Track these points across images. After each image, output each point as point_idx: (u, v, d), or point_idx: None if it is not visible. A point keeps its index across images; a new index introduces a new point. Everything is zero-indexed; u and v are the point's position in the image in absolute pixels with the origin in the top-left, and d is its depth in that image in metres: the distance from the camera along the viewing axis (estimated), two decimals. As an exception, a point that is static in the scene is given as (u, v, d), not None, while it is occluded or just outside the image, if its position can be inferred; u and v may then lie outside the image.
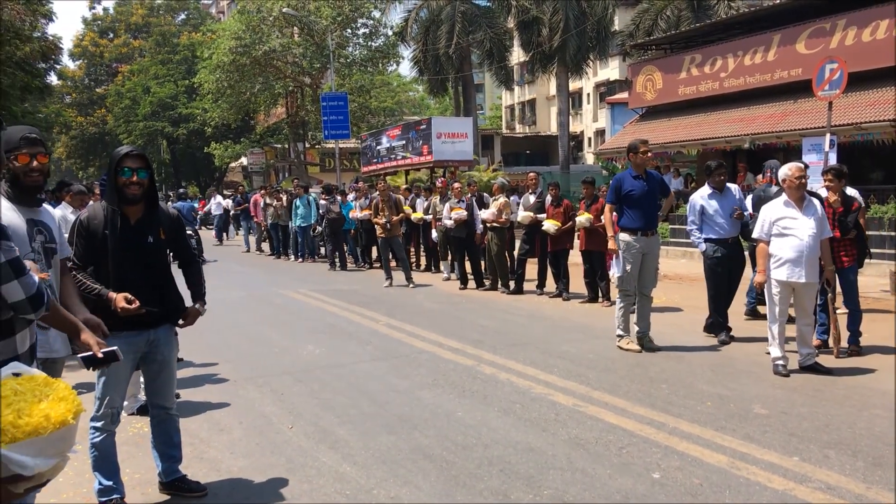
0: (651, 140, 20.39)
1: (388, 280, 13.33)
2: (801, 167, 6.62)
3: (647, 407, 5.71)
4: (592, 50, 31.51)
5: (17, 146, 3.36)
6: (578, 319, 9.74)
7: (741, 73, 18.52)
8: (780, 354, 6.60)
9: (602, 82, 44.47)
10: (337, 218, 16.65)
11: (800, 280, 6.49)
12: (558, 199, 11.51)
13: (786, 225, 6.53)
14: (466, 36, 31.17)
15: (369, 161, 26.30)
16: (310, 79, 36.84)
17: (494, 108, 64.39)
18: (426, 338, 8.62)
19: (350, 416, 5.73)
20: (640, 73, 22.09)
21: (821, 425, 5.20)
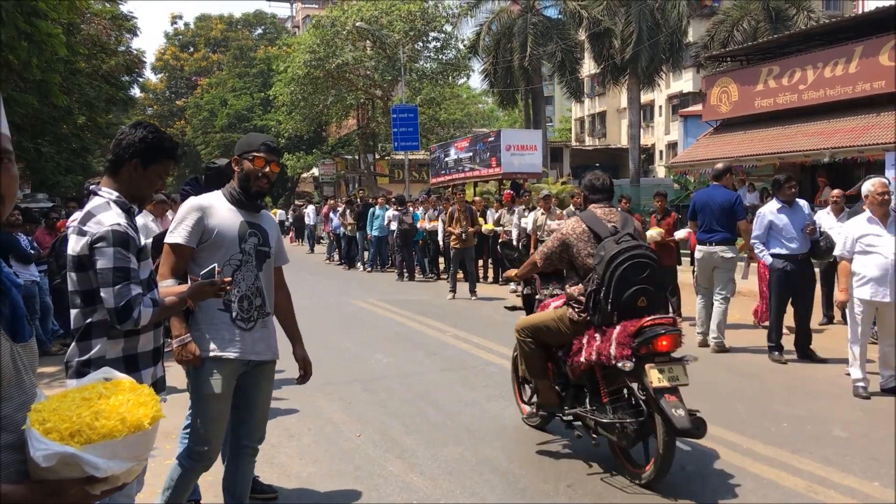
0: (724, 153, 20.14)
1: (452, 292, 13.35)
2: (884, 182, 6.39)
3: (719, 426, 5.57)
4: (665, 62, 31.01)
5: (256, 149, 3.55)
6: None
7: (821, 86, 17.99)
8: (860, 376, 6.37)
9: (675, 94, 43.79)
10: (409, 229, 16.81)
11: (884, 300, 6.25)
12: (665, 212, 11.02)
13: (869, 242, 6.31)
14: (538, 48, 31.10)
15: (437, 172, 26.45)
16: (381, 91, 37.30)
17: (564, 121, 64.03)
18: (493, 350, 8.61)
19: (417, 426, 5.76)
20: (714, 85, 21.67)
21: (905, 451, 5.00)
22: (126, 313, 2.79)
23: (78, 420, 1.67)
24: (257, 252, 3.56)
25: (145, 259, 3.00)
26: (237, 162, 3.58)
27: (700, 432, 4.33)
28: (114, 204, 2.92)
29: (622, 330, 4.46)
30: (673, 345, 4.44)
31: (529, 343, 5.13)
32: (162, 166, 3.03)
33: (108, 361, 2.86)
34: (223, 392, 3.45)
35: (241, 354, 3.48)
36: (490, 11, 33.58)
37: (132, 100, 32.19)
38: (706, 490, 4.42)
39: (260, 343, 3.57)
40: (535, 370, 5.19)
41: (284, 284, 3.87)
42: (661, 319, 4.48)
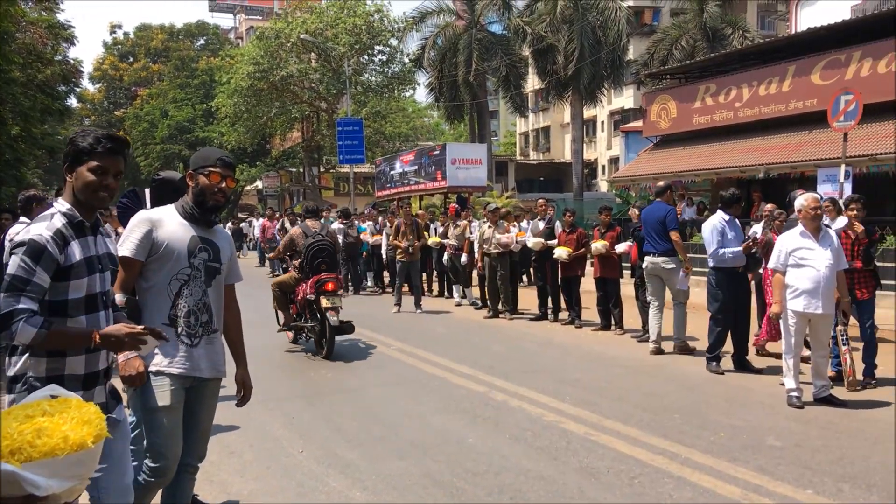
0: (664, 169, 20.56)
1: (398, 306, 13.32)
2: (816, 198, 6.61)
3: (659, 436, 5.67)
4: (607, 78, 31.60)
5: (212, 164, 3.51)
6: (591, 347, 9.70)
7: (756, 103, 18.53)
8: (794, 386, 6.55)
9: (616, 110, 44.59)
10: (354, 242, 16.74)
11: (816, 311, 6.45)
12: (572, 226, 11.51)
13: (802, 255, 6.50)
14: (482, 63, 31.38)
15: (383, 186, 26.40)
16: (326, 104, 37.18)
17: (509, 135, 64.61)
18: (438, 363, 8.61)
19: (361, 441, 5.72)
20: (654, 102, 22.13)
21: (835, 458, 5.15)
22: (3, 323, 2.61)
23: (19, 437, 1.61)
24: (207, 268, 3.50)
25: (78, 278, 2.83)
26: (192, 177, 3.54)
27: (348, 329, 9.03)
28: (59, 216, 2.83)
29: (312, 281, 8.98)
30: (335, 286, 9.01)
31: (277, 292, 9.94)
32: (86, 165, 2.85)
33: (32, 380, 2.76)
34: (173, 404, 3.40)
35: (186, 370, 3.43)
36: (435, 26, 33.81)
37: (68, 110, 31.36)
38: (646, 499, 4.49)
39: (204, 360, 3.51)
40: (282, 306, 9.98)
41: (235, 302, 3.81)
42: (328, 275, 9.01)
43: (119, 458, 3.04)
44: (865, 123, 13.86)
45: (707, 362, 8.09)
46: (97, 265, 2.92)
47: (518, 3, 32.92)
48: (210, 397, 3.65)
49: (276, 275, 23.10)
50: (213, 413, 3.72)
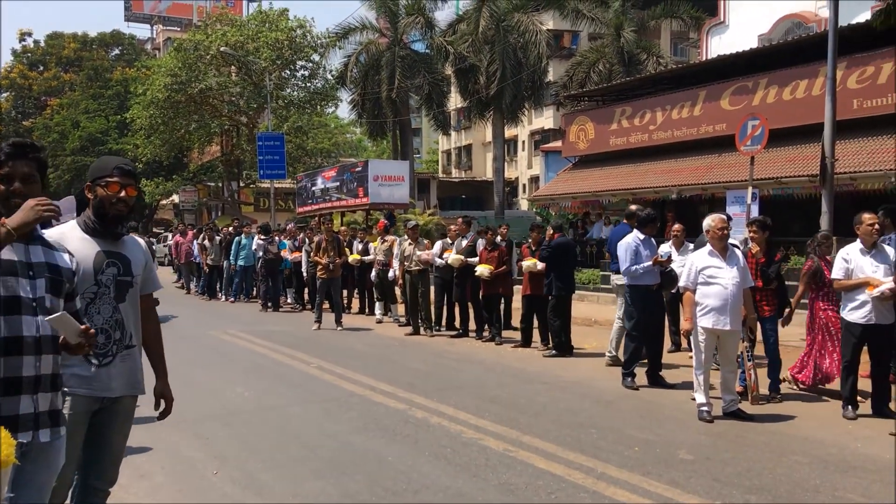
0: (583, 188, 21.02)
1: (318, 323, 13.18)
2: (723, 218, 6.88)
3: (576, 451, 5.76)
4: (528, 99, 32.17)
5: (109, 174, 3.34)
6: (511, 364, 9.80)
7: (669, 127, 19.16)
8: (704, 400, 6.76)
9: (537, 130, 45.36)
10: (274, 258, 16.51)
11: (725, 328, 6.70)
12: (494, 244, 11.63)
13: (711, 274, 6.74)
14: (405, 81, 31.52)
15: (304, 202, 26.18)
16: (246, 118, 36.67)
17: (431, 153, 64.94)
18: (358, 381, 8.55)
19: (278, 461, 5.62)
20: (573, 123, 22.64)
21: (742, 470, 5.33)
22: None
23: None
24: (117, 283, 3.37)
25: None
26: (90, 188, 3.40)
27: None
28: None
29: None
30: None
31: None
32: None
33: None
34: (71, 430, 3.23)
35: (91, 391, 3.28)
36: (358, 43, 33.78)
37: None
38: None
39: (117, 379, 3.37)
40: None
41: (153, 312, 3.69)
42: None
43: (39, 489, 2.86)
44: (771, 148, 14.49)
45: (622, 378, 8.27)
46: (27, 271, 2.79)
47: (441, 22, 33.30)
48: (123, 418, 3.50)
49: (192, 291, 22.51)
50: (126, 435, 3.58)
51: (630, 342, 8.33)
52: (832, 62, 11.59)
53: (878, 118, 14.48)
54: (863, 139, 14.67)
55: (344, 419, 6.86)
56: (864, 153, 14.43)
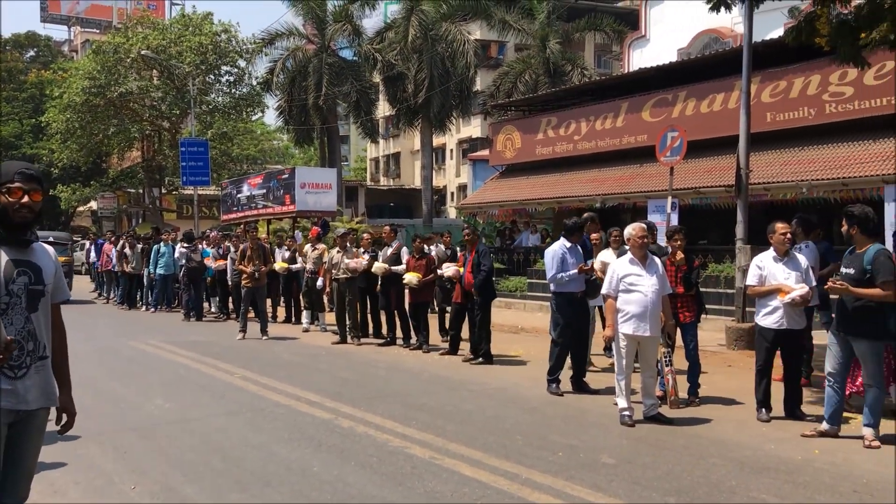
0: (510, 197, 21.26)
1: (242, 332, 12.94)
2: (643, 227, 7.06)
3: (501, 458, 5.81)
4: (456, 108, 32.40)
5: (10, 180, 3.19)
6: (438, 372, 9.82)
7: (593, 137, 19.56)
8: (626, 405, 6.91)
9: (465, 139, 45.71)
10: (197, 266, 16.16)
11: (645, 334, 6.86)
12: (421, 252, 11.65)
13: (631, 281, 6.91)
14: (333, 88, 31.35)
15: (229, 209, 25.73)
16: (168, 123, 35.86)
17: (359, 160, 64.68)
18: (283, 391, 8.43)
19: (199, 474, 5.49)
20: (500, 132, 22.90)
21: (662, 473, 5.47)
22: None
23: None
24: (28, 292, 3.25)
25: None
26: None
27: None
28: None
29: None
30: None
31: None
32: None
33: None
34: None
35: (9, 405, 3.16)
36: (285, 49, 33.46)
37: None
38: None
39: (32, 391, 3.26)
40: None
41: (60, 322, 3.56)
42: None
43: None
44: (690, 159, 14.96)
45: (547, 384, 8.39)
46: None
47: (369, 30, 33.24)
48: (37, 432, 3.38)
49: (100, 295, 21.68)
50: (38, 449, 3.44)
51: (554, 348, 8.45)
52: (746, 77, 12.03)
53: (790, 131, 15.11)
54: (776, 151, 15.28)
55: (268, 430, 6.76)
56: (777, 164, 15.02)
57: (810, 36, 7.78)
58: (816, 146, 14.82)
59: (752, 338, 9.03)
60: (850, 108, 14.09)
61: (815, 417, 6.79)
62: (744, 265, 10.94)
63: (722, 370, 9.74)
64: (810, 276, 7.04)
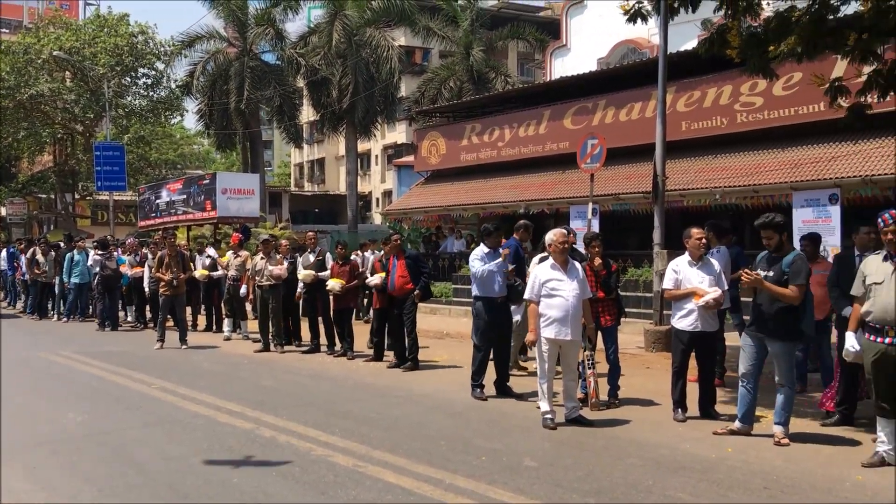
0: (435, 202, 21.32)
1: (161, 342, 12.59)
2: (564, 233, 7.17)
3: (425, 464, 5.81)
4: (381, 113, 32.34)
5: None
6: (363, 378, 9.77)
7: (516, 144, 19.82)
8: (548, 409, 7.00)
9: (390, 145, 45.62)
10: (112, 275, 15.64)
11: (566, 338, 6.97)
12: (345, 258, 11.58)
13: (553, 286, 7.01)
14: (255, 92, 30.87)
15: (147, 215, 25.00)
16: (82, 126, 34.66)
17: (283, 166, 63.86)
18: (203, 401, 8.24)
19: (113, 489, 5.31)
20: (424, 139, 22.97)
21: (583, 475, 5.56)
22: None
23: None
24: None
25: None
26: None
27: None
28: None
29: None
30: None
31: None
32: None
33: None
34: None
35: None
36: (205, 51, 32.75)
37: None
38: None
39: None
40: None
41: None
42: None
43: None
44: (610, 165, 15.30)
45: (471, 389, 8.43)
46: None
47: (292, 34, 32.86)
48: None
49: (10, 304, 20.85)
50: None
51: (476, 353, 8.51)
52: (662, 87, 12.38)
53: (704, 139, 15.63)
54: (691, 159, 15.77)
55: (187, 441, 6.59)
56: (692, 172, 15.51)
57: (722, 48, 8.04)
58: (729, 154, 15.37)
59: (669, 340, 9.28)
60: (760, 117, 14.67)
61: (728, 417, 7.02)
62: (661, 269, 11.23)
63: (641, 372, 9.98)
64: (723, 280, 7.28)
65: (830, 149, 13.66)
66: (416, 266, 10.32)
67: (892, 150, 12.61)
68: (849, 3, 7.84)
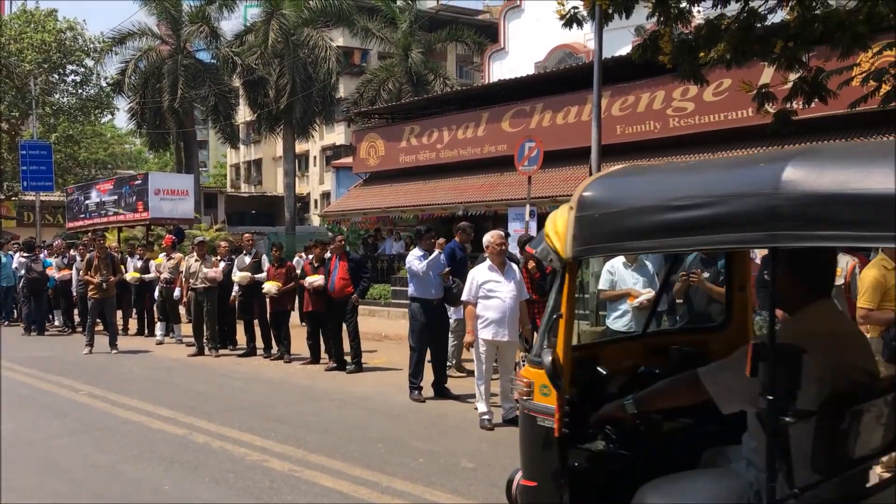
0: (373, 204, 21.24)
1: (89, 346, 12.22)
2: (501, 234, 7.23)
3: (363, 467, 5.77)
4: (319, 114, 32.08)
5: None
6: (300, 381, 9.66)
7: (455, 146, 19.89)
8: (486, 409, 7.04)
9: (328, 146, 45.22)
10: (38, 277, 15.12)
11: (503, 339, 7.02)
12: (281, 261, 11.43)
13: (490, 288, 7.06)
14: (189, 91, 30.26)
15: (76, 216, 24.27)
16: (7, 125, 33.46)
17: (219, 166, 62.72)
18: (134, 407, 8.03)
19: (40, 499, 5.14)
20: (363, 140, 22.86)
21: (519, 474, 5.59)
22: None
23: None
24: None
25: None
26: None
27: None
28: None
29: None
30: None
31: None
32: None
33: None
34: None
35: None
36: (137, 49, 31.93)
37: None
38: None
39: None
40: None
41: None
42: None
43: None
44: (547, 168, 15.47)
45: (409, 391, 8.42)
46: None
47: (227, 32, 32.33)
48: None
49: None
50: None
51: (412, 354, 8.50)
52: (597, 91, 12.55)
53: (638, 143, 15.93)
54: (626, 162, 15.96)
55: (116, 449, 6.41)
56: (626, 175, 15.77)
57: (654, 54, 8.19)
58: (662, 158, 15.64)
59: (604, 340, 9.42)
60: (692, 122, 15.04)
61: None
62: (596, 271, 11.38)
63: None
64: (656, 282, 7.43)
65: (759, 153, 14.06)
66: (358, 270, 10.29)
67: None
68: (776, 12, 8.09)
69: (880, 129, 12.30)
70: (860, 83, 6.82)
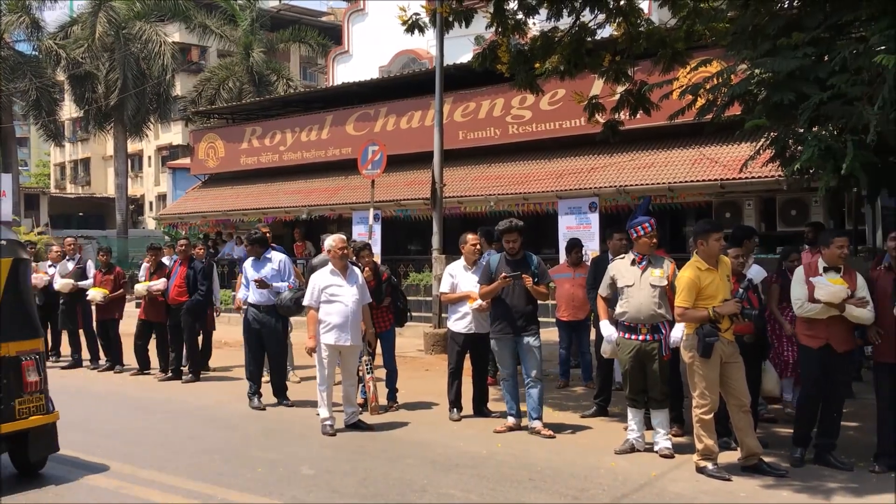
0: (213, 207, 20.54)
1: None
2: (343, 239, 7.17)
3: (197, 480, 5.55)
4: (153, 112, 30.65)
5: None
6: (131, 393, 9.17)
7: (299, 148, 19.57)
8: (328, 415, 6.96)
9: (164, 146, 43.28)
10: None
11: (346, 343, 6.98)
12: (108, 266, 10.81)
13: (333, 292, 6.99)
14: (8, 84, 28.02)
15: None
16: None
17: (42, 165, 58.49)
18: None
19: None
20: (202, 140, 22.03)
21: (360, 480, 5.57)
22: None
23: None
24: None
25: None
26: None
27: None
28: None
29: None
30: None
31: None
32: None
33: None
34: None
35: None
36: (-56, 37, 29.24)
37: None
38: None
39: None
40: None
41: None
42: None
43: None
44: (392, 172, 15.56)
45: (249, 399, 8.20)
46: None
47: (51, 24, 30.24)
48: None
49: None
50: None
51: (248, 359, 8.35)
52: (439, 97, 12.77)
53: (480, 149, 16.34)
54: (468, 167, 16.42)
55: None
56: (468, 179, 16.14)
57: (493, 62, 8.45)
58: (502, 163, 16.19)
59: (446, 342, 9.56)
60: (529, 129, 15.59)
61: (500, 413, 7.34)
62: (439, 274, 11.56)
63: (420, 374, 10.20)
64: (495, 284, 7.62)
65: (590, 161, 14.80)
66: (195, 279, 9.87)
67: (643, 162, 13.93)
68: (604, 27, 8.56)
69: (698, 140, 13.29)
70: (679, 96, 7.31)
